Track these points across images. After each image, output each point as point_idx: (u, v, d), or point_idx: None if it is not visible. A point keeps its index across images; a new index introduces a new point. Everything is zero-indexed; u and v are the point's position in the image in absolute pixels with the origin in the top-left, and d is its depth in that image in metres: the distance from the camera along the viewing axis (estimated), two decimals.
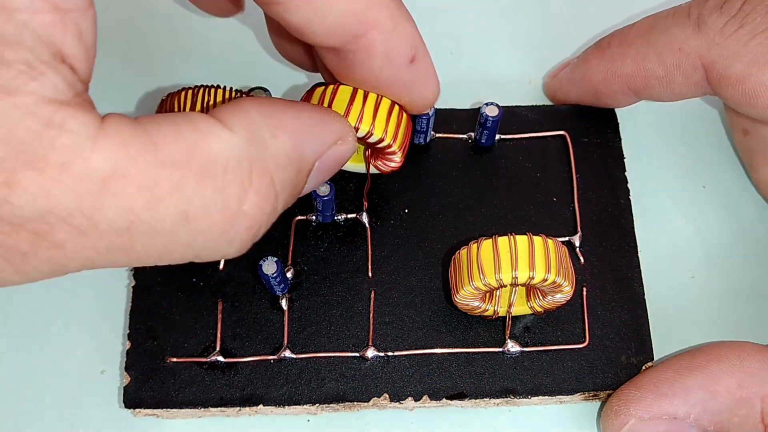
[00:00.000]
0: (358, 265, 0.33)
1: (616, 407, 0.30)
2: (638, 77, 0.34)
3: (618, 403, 0.30)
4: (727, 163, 0.38)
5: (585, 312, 0.33)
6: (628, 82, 0.34)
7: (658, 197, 0.37)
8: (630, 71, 0.34)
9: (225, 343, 0.32)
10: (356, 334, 0.32)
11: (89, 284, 0.35)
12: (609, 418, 0.31)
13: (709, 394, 0.29)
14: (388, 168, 0.32)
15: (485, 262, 0.29)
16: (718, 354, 0.30)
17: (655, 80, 0.33)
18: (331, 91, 0.30)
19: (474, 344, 0.32)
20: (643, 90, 0.34)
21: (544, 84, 0.39)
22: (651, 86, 0.34)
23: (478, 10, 0.42)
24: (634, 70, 0.34)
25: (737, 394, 0.29)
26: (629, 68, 0.34)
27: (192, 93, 0.30)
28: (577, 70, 0.36)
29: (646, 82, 0.34)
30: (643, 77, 0.34)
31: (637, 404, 0.30)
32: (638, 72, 0.34)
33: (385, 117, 0.30)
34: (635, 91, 0.34)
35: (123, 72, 0.40)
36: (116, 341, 0.34)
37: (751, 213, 0.37)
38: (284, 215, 0.34)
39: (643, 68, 0.33)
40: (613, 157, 0.36)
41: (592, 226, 0.34)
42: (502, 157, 0.36)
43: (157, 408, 0.31)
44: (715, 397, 0.29)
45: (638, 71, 0.34)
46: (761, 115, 0.32)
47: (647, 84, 0.34)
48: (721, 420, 0.29)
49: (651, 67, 0.33)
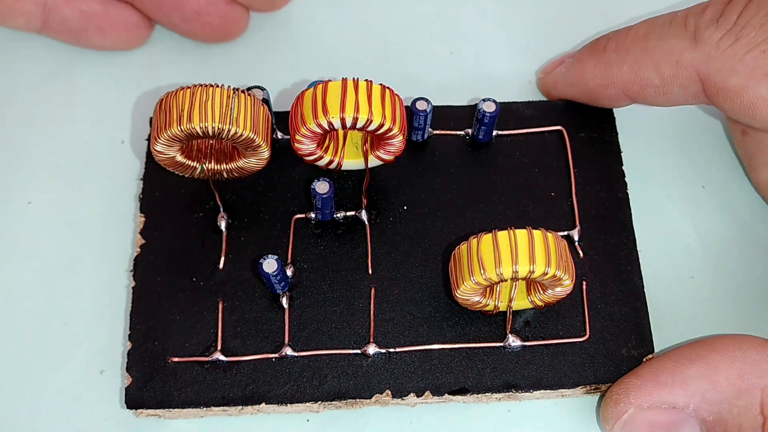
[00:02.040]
0: (358, 263, 0.33)
1: (615, 396, 0.30)
2: (634, 85, 0.34)
3: (618, 392, 0.30)
4: (727, 163, 0.38)
5: (585, 306, 0.33)
6: (624, 89, 0.34)
7: (658, 197, 0.37)
8: (626, 78, 0.34)
9: (226, 342, 0.32)
10: (357, 331, 0.32)
11: (89, 284, 0.35)
12: (608, 406, 0.31)
13: (708, 384, 0.29)
14: (391, 155, 0.32)
15: (485, 256, 0.29)
16: (719, 345, 0.30)
17: (651, 89, 0.34)
18: (322, 89, 0.30)
19: (475, 339, 0.32)
20: (638, 97, 0.34)
21: (538, 80, 0.39)
22: (647, 94, 0.34)
23: (478, 9, 0.42)
24: (630, 78, 0.34)
25: (737, 384, 0.29)
26: (625, 75, 0.34)
27: (190, 92, 0.30)
28: (573, 71, 0.36)
29: (642, 90, 0.34)
30: (639, 85, 0.34)
31: (637, 393, 0.30)
32: (635, 80, 0.34)
33: (380, 102, 0.30)
34: (631, 97, 0.35)
35: (121, 71, 0.40)
36: (116, 341, 0.34)
37: (750, 213, 0.37)
38: (283, 213, 0.34)
39: (640, 77, 0.34)
40: (610, 151, 0.36)
41: (590, 220, 0.34)
42: (500, 153, 0.36)
43: (159, 408, 0.31)
44: (715, 387, 0.29)
45: (635, 79, 0.34)
46: (760, 126, 0.32)
47: (643, 92, 0.34)
48: (720, 410, 0.29)
49: (648, 76, 0.33)
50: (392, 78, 0.34)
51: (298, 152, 0.32)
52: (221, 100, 0.30)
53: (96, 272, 0.35)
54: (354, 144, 0.33)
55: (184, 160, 0.32)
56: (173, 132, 0.30)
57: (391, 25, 0.41)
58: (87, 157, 0.38)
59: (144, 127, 0.38)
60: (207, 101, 0.30)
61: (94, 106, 0.39)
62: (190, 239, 0.34)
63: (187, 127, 0.29)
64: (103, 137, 0.38)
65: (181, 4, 0.38)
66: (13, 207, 0.37)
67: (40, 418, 0.33)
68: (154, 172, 0.34)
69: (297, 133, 0.31)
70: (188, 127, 0.29)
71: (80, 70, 0.40)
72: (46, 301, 0.35)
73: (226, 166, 0.33)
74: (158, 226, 0.34)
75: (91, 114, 0.39)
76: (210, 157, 0.33)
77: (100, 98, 0.39)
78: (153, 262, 0.33)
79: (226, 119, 0.30)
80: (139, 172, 0.36)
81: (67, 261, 0.36)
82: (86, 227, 0.36)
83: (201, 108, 0.29)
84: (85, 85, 0.39)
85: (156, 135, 0.30)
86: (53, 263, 0.36)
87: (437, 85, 0.39)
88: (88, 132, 0.38)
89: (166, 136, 0.30)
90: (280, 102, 0.38)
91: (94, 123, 0.38)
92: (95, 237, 0.36)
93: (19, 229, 0.36)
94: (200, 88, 0.30)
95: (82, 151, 0.38)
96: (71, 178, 0.37)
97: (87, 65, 0.40)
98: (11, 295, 0.35)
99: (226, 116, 0.30)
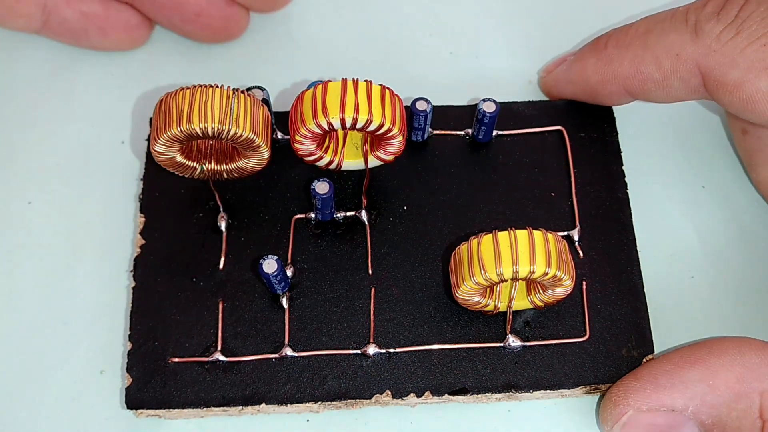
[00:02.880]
0: (358, 263, 0.33)
1: (615, 397, 0.30)
2: (635, 80, 0.34)
3: (617, 394, 0.30)
4: (727, 163, 0.38)
5: (585, 306, 0.33)
6: (625, 84, 0.34)
7: (658, 198, 0.37)
8: (627, 73, 0.34)
9: (226, 342, 0.32)
10: (357, 332, 0.32)
11: (89, 284, 0.35)
12: (608, 408, 0.31)
13: (707, 387, 0.29)
14: (390, 155, 0.32)
15: (486, 256, 0.29)
16: (719, 348, 0.30)
17: (652, 84, 0.34)
18: (321, 89, 0.30)
19: (475, 339, 0.32)
20: (639, 92, 0.34)
21: (540, 79, 0.39)
22: (648, 89, 0.34)
23: (477, 9, 0.42)
24: (630, 73, 0.34)
25: (736, 388, 0.29)
26: (626, 71, 0.34)
27: (190, 93, 0.30)
28: (574, 68, 0.36)
29: (642, 86, 0.34)
30: (639, 80, 0.34)
31: (636, 395, 0.30)
32: (635, 75, 0.34)
33: (380, 102, 0.30)
34: (632, 93, 0.35)
35: (121, 71, 0.40)
36: (116, 341, 0.34)
37: (750, 213, 0.37)
38: (283, 213, 0.34)
39: (640, 72, 0.34)
40: (609, 151, 0.36)
41: (590, 220, 0.34)
42: (500, 153, 0.36)
43: (159, 408, 0.31)
44: (714, 390, 0.29)
45: (635, 74, 0.34)
46: (759, 120, 0.32)
47: (644, 87, 0.34)
48: (719, 414, 0.29)
49: (648, 70, 0.33)
50: (392, 78, 0.34)
51: (298, 152, 0.32)
52: (221, 101, 0.30)
53: (96, 272, 0.35)
54: (354, 144, 0.33)
55: (184, 160, 0.32)
56: (173, 132, 0.29)
57: (391, 25, 0.41)
58: (87, 157, 0.38)
59: (144, 128, 0.38)
60: (207, 102, 0.30)
61: (94, 106, 0.39)
62: (190, 239, 0.34)
63: (187, 128, 0.29)
64: (102, 137, 0.38)
65: (181, 5, 0.38)
66: (13, 207, 0.37)
67: (40, 418, 0.33)
68: (154, 172, 0.34)
69: (297, 134, 0.31)
70: (188, 128, 0.29)
71: (80, 71, 0.40)
72: (46, 302, 0.35)
73: (226, 167, 0.33)
74: (158, 226, 0.34)
75: (91, 114, 0.39)
76: (210, 157, 0.33)
77: (100, 98, 0.39)
78: (153, 263, 0.33)
79: (225, 120, 0.29)
80: (139, 173, 0.36)
81: (67, 261, 0.36)
82: (86, 227, 0.36)
83: (201, 108, 0.29)
84: (85, 85, 0.39)
85: (156, 135, 0.30)
86: (53, 263, 0.36)
87: (437, 85, 0.39)
88: (87, 132, 0.38)
89: (165, 137, 0.30)
90: (280, 102, 0.38)
91: (94, 123, 0.38)
92: (95, 237, 0.36)
93: (19, 229, 0.36)
94: (200, 88, 0.30)
95: (82, 151, 0.38)
96: (71, 178, 0.37)
97: (87, 65, 0.40)
98: (11, 295, 0.35)
99: (225, 117, 0.30)
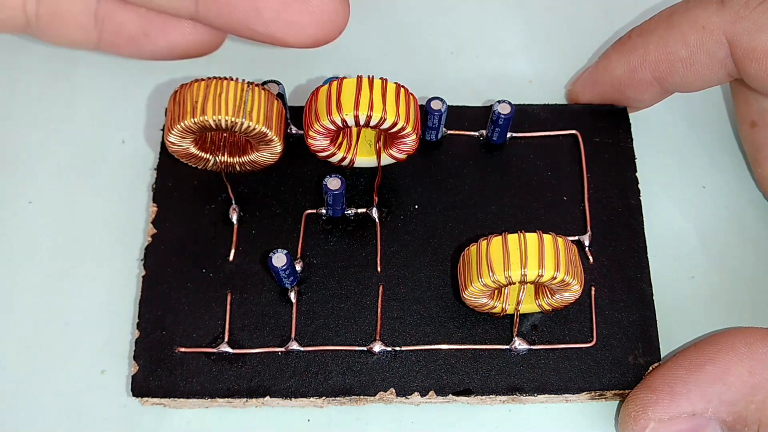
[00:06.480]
0: (367, 260, 0.34)
1: (633, 413, 0.30)
2: (662, 62, 0.34)
3: (635, 408, 0.30)
4: (728, 163, 0.38)
5: (593, 311, 0.33)
6: (652, 69, 0.34)
7: (658, 197, 0.37)
8: (653, 57, 0.34)
9: (233, 334, 0.32)
10: (364, 329, 0.32)
11: (89, 284, 0.35)
12: (628, 424, 0.30)
13: (722, 385, 0.29)
14: (403, 154, 0.32)
15: (494, 259, 0.29)
16: (725, 343, 0.30)
17: (678, 62, 0.33)
18: (336, 86, 0.30)
19: (481, 341, 0.32)
20: (667, 75, 0.34)
21: (567, 91, 0.39)
22: (675, 70, 0.34)
23: (477, 9, 0.41)
24: (657, 56, 0.34)
25: (750, 381, 0.29)
26: (652, 54, 0.34)
27: (204, 84, 0.30)
28: (599, 67, 0.36)
29: (670, 66, 0.33)
30: (666, 61, 0.33)
31: (655, 407, 0.30)
32: (661, 56, 0.33)
33: (394, 100, 0.30)
34: (659, 79, 0.34)
35: (135, 63, 0.40)
36: (116, 341, 0.34)
37: (751, 213, 0.37)
38: (295, 208, 0.34)
39: (666, 52, 0.33)
40: (624, 157, 0.36)
41: (601, 225, 0.34)
42: (514, 155, 0.36)
43: (164, 397, 0.32)
44: (730, 388, 0.29)
45: (661, 56, 0.33)
46: None
47: (672, 69, 0.33)
48: (738, 409, 0.29)
49: (674, 49, 0.33)
50: (408, 77, 0.34)
51: (311, 148, 0.32)
52: (235, 94, 0.30)
53: (97, 272, 0.35)
54: (367, 141, 0.33)
55: (197, 151, 0.32)
56: (187, 124, 0.30)
57: (409, 24, 0.41)
58: (103, 147, 0.38)
59: (159, 118, 0.38)
60: (221, 94, 0.30)
61: (104, 98, 0.39)
62: (202, 230, 0.34)
63: (201, 120, 0.29)
64: (116, 128, 0.38)
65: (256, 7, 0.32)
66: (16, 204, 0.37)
67: (39, 418, 0.33)
68: (168, 162, 0.35)
69: (310, 129, 0.31)
70: (201, 120, 0.29)
71: (90, 61, 0.40)
72: (46, 301, 0.35)
73: (239, 159, 0.33)
74: (170, 216, 0.34)
75: (104, 104, 0.39)
76: (223, 149, 0.33)
77: (111, 89, 0.39)
78: (164, 252, 0.34)
79: (239, 112, 0.30)
80: (153, 162, 0.36)
81: (76, 254, 0.36)
82: (89, 226, 0.36)
83: (215, 100, 0.30)
84: (94, 76, 0.39)
85: (170, 126, 0.30)
86: (59, 259, 0.36)
87: (453, 86, 0.39)
88: (102, 122, 0.38)
89: (179, 128, 0.30)
90: (296, 97, 0.38)
91: (107, 113, 0.39)
92: (107, 226, 0.36)
93: (19, 228, 0.36)
94: (215, 80, 0.30)
95: (97, 142, 0.38)
96: (84, 169, 0.37)
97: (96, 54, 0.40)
98: (12, 294, 0.35)
99: (239, 110, 0.30)
